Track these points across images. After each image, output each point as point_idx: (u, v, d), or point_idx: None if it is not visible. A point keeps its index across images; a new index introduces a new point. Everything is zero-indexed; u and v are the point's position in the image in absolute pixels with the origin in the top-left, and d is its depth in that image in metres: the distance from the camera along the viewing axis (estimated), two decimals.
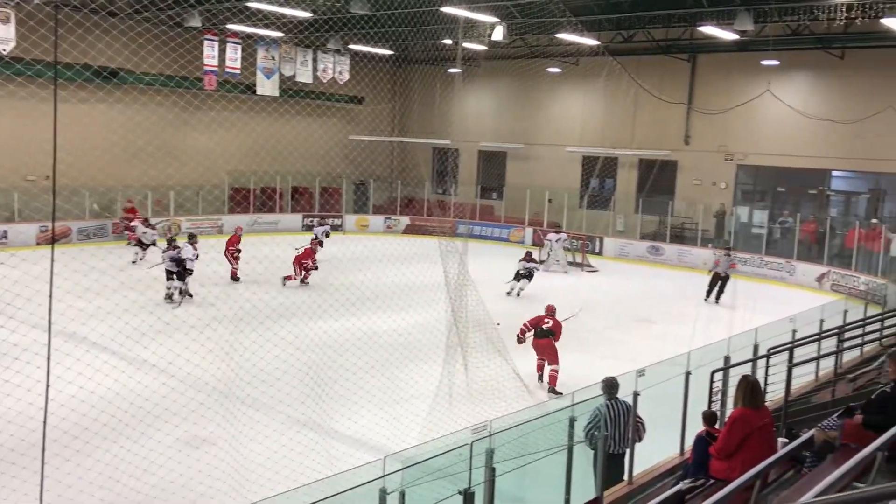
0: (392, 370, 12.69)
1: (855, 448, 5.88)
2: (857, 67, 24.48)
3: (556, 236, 25.30)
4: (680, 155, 28.85)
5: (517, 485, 7.38)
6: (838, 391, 9.41)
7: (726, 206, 27.87)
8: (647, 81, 27.65)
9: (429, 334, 13.39)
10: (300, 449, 9.27)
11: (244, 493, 8.19)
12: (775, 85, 25.82)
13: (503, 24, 22.37)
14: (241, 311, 14.58)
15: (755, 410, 6.81)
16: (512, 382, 11.07)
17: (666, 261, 27.25)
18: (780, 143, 26.29)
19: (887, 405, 6.10)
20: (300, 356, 12.30)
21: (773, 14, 21.47)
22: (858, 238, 23.36)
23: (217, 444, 9.51)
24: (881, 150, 24.00)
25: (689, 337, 14.53)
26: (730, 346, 9.89)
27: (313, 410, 10.03)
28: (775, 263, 24.89)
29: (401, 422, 10.22)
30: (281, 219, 31.13)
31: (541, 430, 7.41)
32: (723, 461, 6.80)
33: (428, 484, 5.90)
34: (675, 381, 9.20)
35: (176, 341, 11.59)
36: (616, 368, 10.06)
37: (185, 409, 9.84)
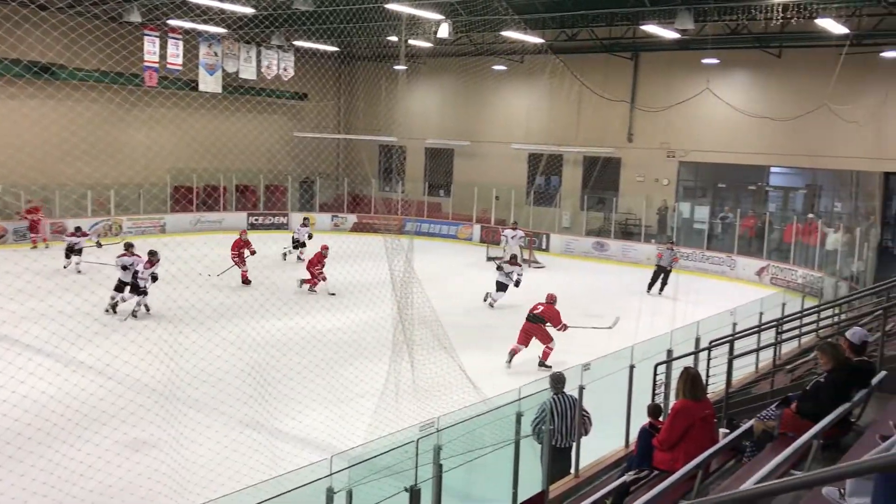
0: (338, 369, 12.57)
1: (792, 437, 6.00)
2: (794, 66, 25.13)
3: (513, 233, 25.49)
4: (623, 152, 29.25)
5: (465, 480, 7.37)
6: (777, 382, 9.61)
7: (668, 202, 28.35)
8: (591, 79, 27.97)
9: (374, 332, 13.31)
10: (244, 450, 9.10)
11: (186, 496, 8.01)
12: (716, 83, 26.36)
13: (448, 21, 22.34)
14: (181, 311, 14.27)
15: (696, 402, 6.92)
16: (458, 379, 11.05)
17: (611, 256, 27.60)
18: (721, 140, 26.85)
19: (819, 394, 6.25)
20: (243, 356, 12.10)
21: (713, 13, 21.91)
22: (796, 233, 24.00)
23: (158, 446, 9.28)
24: (817, 146, 24.68)
25: (633, 331, 14.72)
26: (672, 340, 10.03)
27: (257, 411, 9.86)
28: (716, 258, 25.43)
29: (347, 421, 10.13)
30: (225, 217, 30.62)
31: (488, 426, 7.41)
32: (666, 452, 6.89)
33: (375, 482, 5.85)
34: (620, 375, 9.30)
35: (113, 343, 11.29)
36: (563, 363, 10.16)
37: (123, 411, 9.57)
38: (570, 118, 29.35)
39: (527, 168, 31.62)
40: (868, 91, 23.53)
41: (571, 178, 30.80)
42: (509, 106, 32.01)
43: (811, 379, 7.35)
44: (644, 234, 27.99)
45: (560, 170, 31.08)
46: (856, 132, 23.40)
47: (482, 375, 12.43)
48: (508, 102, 32.02)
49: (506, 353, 14.08)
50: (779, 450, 5.78)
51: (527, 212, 29.80)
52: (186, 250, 16.60)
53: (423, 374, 11.09)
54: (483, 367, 12.77)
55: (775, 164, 27.33)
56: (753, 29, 23.74)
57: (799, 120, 24.12)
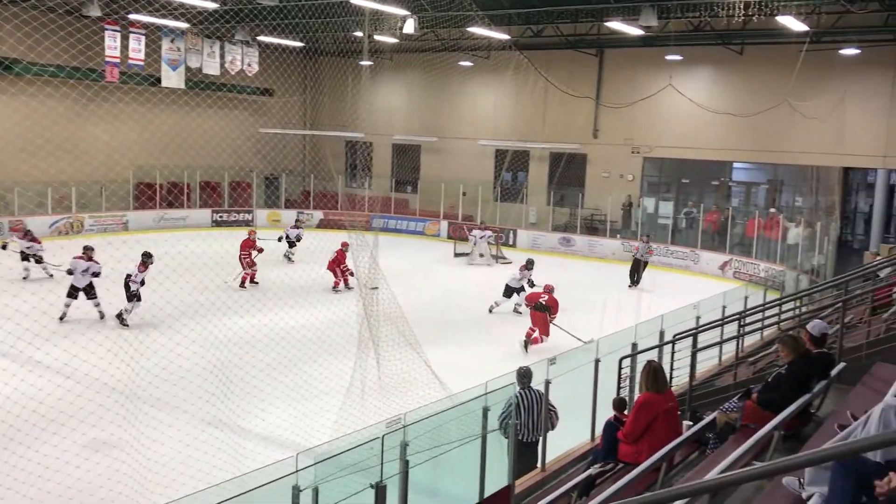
0: (303, 366, 12.46)
1: (754, 428, 6.07)
2: (755, 63, 25.45)
3: (481, 233, 25.64)
4: (589, 148, 29.41)
5: (431, 476, 7.34)
6: (740, 374, 9.73)
7: (633, 197, 28.58)
8: (557, 76, 28.07)
9: (340, 329, 13.21)
10: (207, 449, 8.98)
11: (148, 496, 7.89)
12: (679, 80, 26.61)
13: (413, 17, 22.27)
14: (142, 309, 14.07)
15: (660, 395, 6.97)
16: (425, 375, 11.02)
17: (577, 251, 27.76)
18: (684, 135, 27.12)
19: (780, 386, 6.33)
20: (206, 354, 11.93)
21: (676, 10, 22.13)
22: (758, 227, 24.34)
23: (119, 446, 9.13)
24: (778, 142, 25.07)
25: (598, 325, 14.82)
26: (637, 333, 10.10)
27: (220, 409, 9.73)
28: (680, 252, 25.70)
29: (313, 418, 10.05)
30: (189, 214, 30.25)
31: (454, 421, 7.39)
32: (630, 445, 6.93)
33: (342, 479, 5.80)
34: (586, 369, 9.35)
35: (72, 342, 11.06)
36: (529, 358, 10.18)
37: (82, 411, 9.38)
38: (535, 114, 29.45)
39: (493, 164, 31.68)
40: (827, 87, 23.92)
41: (538, 173, 30.91)
42: (476, 102, 32.02)
43: (773, 371, 7.45)
44: (609, 230, 28.19)
45: (526, 166, 31.17)
46: (816, 128, 23.79)
47: (448, 371, 12.41)
48: (475, 98, 32.03)
49: (471, 349, 14.09)
50: (741, 441, 5.84)
51: (494, 208, 29.85)
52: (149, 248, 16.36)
53: (389, 370, 11.05)
54: (449, 363, 12.74)
55: (738, 159, 27.70)
56: (716, 26, 24.01)
57: (760, 116, 24.45)
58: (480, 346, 15.01)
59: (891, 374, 6.00)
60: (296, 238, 23.62)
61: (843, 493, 3.28)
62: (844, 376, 7.26)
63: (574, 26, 26.72)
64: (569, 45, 27.80)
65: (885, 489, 3.08)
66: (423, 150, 33.95)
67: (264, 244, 20.00)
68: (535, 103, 29.01)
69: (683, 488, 3.45)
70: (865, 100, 23.88)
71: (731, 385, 9.22)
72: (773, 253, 23.33)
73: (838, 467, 3.30)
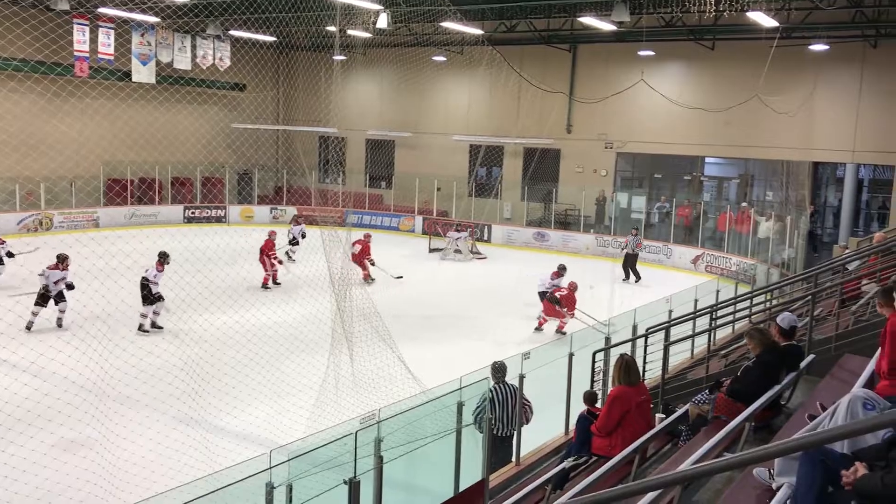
0: (276, 363, 12.38)
1: (726, 420, 6.13)
2: (727, 58, 25.69)
3: (458, 235, 25.79)
4: (562, 143, 29.51)
5: (406, 471, 7.33)
6: (712, 367, 9.82)
7: (606, 192, 28.73)
8: (530, 71, 28.12)
9: (313, 326, 13.13)
10: (180, 447, 8.89)
11: (120, 495, 7.78)
12: (651, 74, 26.77)
13: (387, 11, 22.15)
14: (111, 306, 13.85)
15: (632, 388, 7.02)
16: (399, 370, 11.00)
17: (551, 246, 27.85)
18: (656, 131, 27.31)
19: (749, 378, 6.40)
20: (176, 351, 11.80)
21: (648, 6, 22.23)
22: (729, 221, 24.59)
23: (89, 445, 8.99)
24: (749, 137, 25.33)
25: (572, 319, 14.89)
26: (610, 327, 10.16)
27: (192, 408, 9.63)
28: (653, 247, 25.87)
29: (286, 415, 9.98)
30: (160, 210, 29.93)
31: (429, 416, 7.39)
32: (604, 438, 6.97)
33: (316, 476, 5.77)
34: (560, 363, 9.39)
35: (39, 341, 10.90)
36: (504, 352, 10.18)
37: (50, 410, 9.23)
38: (509, 109, 29.49)
39: (468, 159, 31.68)
40: (797, 83, 24.21)
41: (512, 168, 30.96)
42: (449, 97, 31.98)
43: (744, 363, 7.52)
44: (583, 224, 28.32)
45: (501, 161, 31.23)
46: (786, 123, 24.06)
47: (423, 366, 12.40)
48: (448, 93, 31.99)
49: (446, 344, 14.09)
50: (712, 433, 5.89)
51: (468, 203, 29.86)
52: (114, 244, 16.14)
53: (364, 366, 11.00)
54: (423, 359, 12.73)
55: (709, 154, 27.95)
56: (687, 21, 24.16)
57: (731, 111, 24.68)
58: (455, 341, 15.02)
59: (858, 366, 6.08)
60: (300, 234, 23.50)
61: (810, 483, 3.31)
62: (814, 368, 7.35)
63: (547, 21, 26.78)
64: (542, 40, 27.86)
65: (852, 479, 3.12)
66: (397, 145, 33.86)
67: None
68: (509, 98, 29.05)
69: (656, 480, 3.46)
70: (834, 95, 24.21)
71: (704, 378, 9.30)
72: (744, 247, 23.58)
73: (806, 458, 3.33)
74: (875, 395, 3.79)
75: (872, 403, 3.65)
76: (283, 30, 29.62)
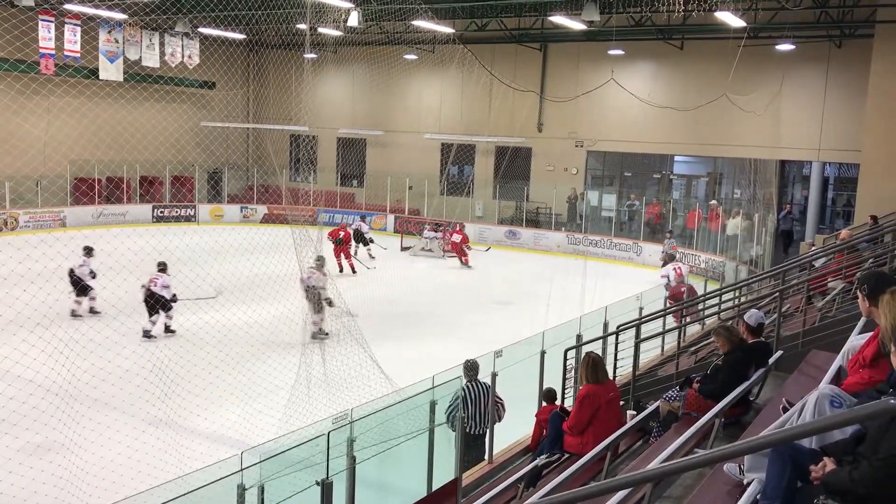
0: (248, 364, 12.28)
1: (696, 416, 6.19)
2: (695, 58, 25.95)
3: (433, 234, 25.87)
4: (534, 141, 29.62)
5: (379, 471, 7.33)
6: (682, 364, 9.91)
7: (577, 190, 28.89)
8: (502, 70, 28.17)
9: (284, 326, 13.06)
10: (149, 450, 8.79)
11: (89, 500, 7.67)
12: (620, 73, 26.92)
13: (357, 9, 22.07)
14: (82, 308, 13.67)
15: (600, 385, 7.07)
16: (371, 370, 10.97)
17: (523, 245, 27.96)
18: (626, 129, 27.51)
19: (719, 376, 6.47)
20: (144, 353, 11.67)
21: (618, 5, 22.39)
22: (698, 219, 24.85)
23: (55, 449, 8.85)
24: (718, 135, 25.60)
25: (543, 317, 14.95)
26: (581, 325, 10.22)
27: (161, 409, 9.51)
28: (623, 245, 26.08)
29: (258, 416, 9.90)
30: (129, 210, 29.55)
31: (402, 416, 7.38)
32: (575, 437, 7.01)
33: (288, 477, 5.74)
34: (532, 361, 9.42)
35: (3, 342, 10.68)
36: (476, 350, 10.19)
37: (15, 414, 9.08)
38: (481, 108, 29.53)
39: (440, 157, 31.67)
40: (764, 82, 24.53)
41: (484, 167, 31.02)
42: (421, 95, 31.95)
43: (713, 360, 7.60)
44: (554, 223, 28.45)
45: (472, 159, 31.26)
46: (753, 122, 24.36)
47: (395, 365, 12.38)
48: (420, 92, 31.95)
49: (418, 343, 14.08)
50: (683, 429, 5.95)
51: (440, 201, 29.86)
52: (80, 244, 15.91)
53: (335, 366, 10.96)
54: (396, 358, 12.71)
55: (678, 152, 28.21)
56: (656, 21, 24.37)
57: (700, 110, 24.92)
58: (427, 339, 15.02)
59: (825, 362, 6.18)
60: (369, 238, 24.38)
61: (779, 478, 3.36)
62: (782, 364, 7.46)
63: (518, 20, 26.83)
64: (513, 39, 27.93)
65: (820, 474, 3.16)
66: (369, 143, 33.75)
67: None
68: (480, 97, 29.09)
69: (627, 478, 3.50)
70: (800, 94, 24.56)
71: (674, 374, 9.39)
72: (713, 244, 23.84)
73: (775, 454, 3.38)
74: (841, 392, 3.85)
75: (839, 401, 3.71)
76: (252, 27, 29.36)
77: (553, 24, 24.81)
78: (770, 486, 3.41)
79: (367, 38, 28.96)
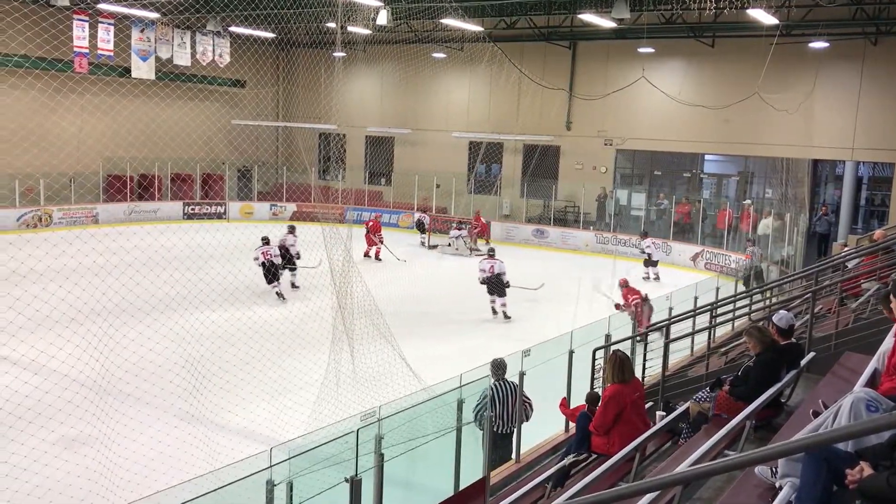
0: (277, 360, 12.38)
1: (726, 418, 6.13)
2: (727, 55, 25.66)
3: (458, 232, 25.88)
4: (562, 140, 29.49)
5: (406, 469, 7.34)
6: (712, 364, 9.82)
7: (606, 189, 28.73)
8: (530, 68, 28.09)
9: (314, 323, 13.13)
10: (181, 445, 8.90)
11: (121, 493, 7.78)
12: (651, 72, 26.73)
13: (387, 8, 22.14)
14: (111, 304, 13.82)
15: (626, 385, 7.01)
16: (399, 367, 11.00)
17: (550, 243, 27.86)
18: (656, 128, 27.29)
19: (750, 377, 6.40)
20: (177, 349, 11.78)
21: (649, 3, 22.21)
22: (729, 218, 24.59)
23: (89, 443, 8.97)
24: (749, 134, 25.32)
25: (572, 316, 14.89)
26: (610, 325, 10.16)
27: (193, 405, 9.61)
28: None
29: (287, 412, 9.97)
30: (160, 207, 29.91)
31: (430, 414, 7.39)
32: (601, 437, 6.97)
33: (316, 473, 5.77)
34: (560, 360, 9.39)
35: (39, 338, 10.84)
36: (503, 349, 10.19)
37: (51, 408, 9.22)
38: (509, 106, 29.47)
39: (467, 156, 31.66)
40: (797, 80, 24.19)
41: (512, 165, 30.95)
42: (449, 94, 31.95)
43: (744, 361, 7.53)
44: (583, 221, 28.32)
45: (500, 158, 31.22)
46: (786, 120, 24.05)
47: (423, 363, 12.42)
48: (449, 90, 31.96)
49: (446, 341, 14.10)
50: (713, 431, 5.90)
51: (467, 200, 29.85)
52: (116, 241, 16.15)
53: (364, 363, 11.00)
54: (424, 355, 12.74)
55: (709, 151, 27.94)
56: (688, 19, 24.15)
57: (731, 108, 24.66)
58: (455, 337, 15.04)
59: (858, 364, 6.09)
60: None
61: (815, 483, 3.32)
62: (814, 366, 7.36)
63: (547, 18, 26.73)
64: (542, 37, 27.82)
65: (857, 478, 3.12)
66: (397, 142, 33.83)
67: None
68: (509, 95, 29.03)
69: (658, 480, 3.47)
70: (834, 92, 24.19)
71: (704, 375, 9.30)
72: (743, 244, 23.58)
73: (810, 457, 3.34)
74: (878, 396, 3.79)
75: (876, 405, 3.65)
76: (282, 26, 29.58)
77: (582, 22, 24.68)
78: (805, 489, 3.38)
79: (396, 36, 29.03)
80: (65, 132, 26.99)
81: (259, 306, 14.11)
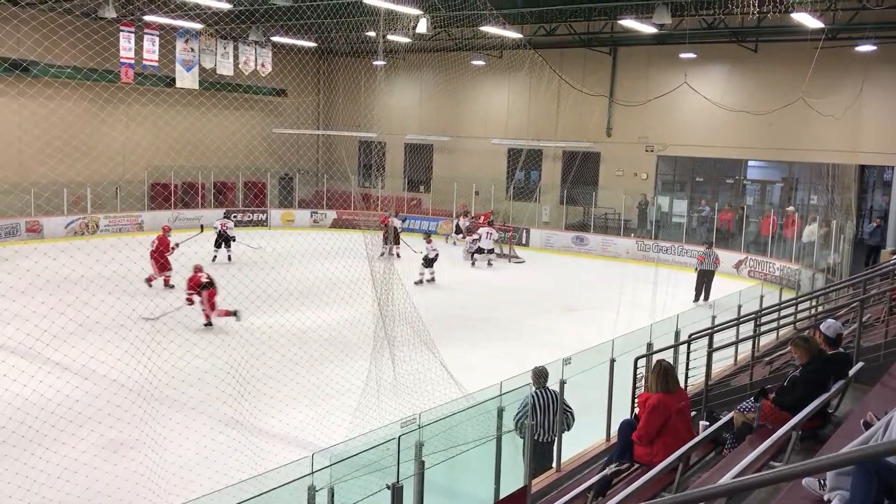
0: (319, 366, 12.49)
1: (771, 428, 6.04)
2: (770, 60, 25.29)
3: (487, 230, 25.69)
4: (602, 146, 29.33)
5: (447, 476, 7.35)
6: (756, 374, 9.67)
7: (648, 196, 28.47)
8: (570, 74, 27.99)
9: (355, 329, 13.23)
10: (224, 450, 9.02)
11: (166, 497, 7.93)
12: (693, 77, 26.48)
13: (426, 16, 22.26)
14: (159, 310, 14.11)
15: (671, 394, 6.93)
16: (440, 374, 11.02)
17: (590, 251, 27.69)
18: (698, 133, 26.98)
19: (796, 387, 6.30)
20: (222, 355, 11.98)
21: (690, 8, 21.98)
22: (773, 225, 24.17)
23: (136, 447, 9.17)
24: (793, 139, 24.90)
25: (613, 324, 14.80)
26: (652, 333, 10.06)
27: (237, 410, 9.76)
28: (695, 251, 25.51)
29: (329, 418, 10.06)
30: (203, 214, 30.31)
31: (470, 421, 7.39)
32: (645, 447, 6.91)
33: (357, 480, 5.80)
34: (601, 369, 9.32)
35: (89, 343, 11.11)
36: (543, 357, 10.16)
37: (100, 412, 9.45)
38: (549, 113, 29.39)
39: (506, 163, 31.64)
40: (843, 84, 23.73)
41: (551, 172, 30.86)
42: (489, 101, 31.98)
43: (789, 370, 7.41)
44: (623, 228, 28.10)
45: (540, 164, 31.15)
46: (831, 125, 23.58)
47: (463, 370, 12.43)
48: (488, 97, 32.00)
49: (485, 347, 14.10)
50: (758, 442, 5.82)
51: (507, 206, 29.84)
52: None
53: (405, 370, 11.05)
54: (464, 362, 12.76)
55: (752, 157, 27.53)
56: (730, 23, 23.87)
57: (775, 113, 24.28)
58: (495, 344, 15.02)
59: None
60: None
61: (865, 497, 3.26)
62: (862, 376, 7.21)
63: (587, 24, 26.63)
64: (582, 43, 27.72)
65: None
66: (436, 149, 33.96)
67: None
68: (549, 102, 28.95)
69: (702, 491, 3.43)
70: (882, 97, 23.69)
71: (748, 385, 9.17)
72: (788, 251, 23.18)
73: (861, 470, 3.28)
74: None
75: None
76: (323, 35, 29.90)
77: (623, 28, 24.54)
78: (854, 502, 3.32)
79: (436, 44, 29.17)
80: (113, 141, 27.64)
81: (300, 311, 14.25)
